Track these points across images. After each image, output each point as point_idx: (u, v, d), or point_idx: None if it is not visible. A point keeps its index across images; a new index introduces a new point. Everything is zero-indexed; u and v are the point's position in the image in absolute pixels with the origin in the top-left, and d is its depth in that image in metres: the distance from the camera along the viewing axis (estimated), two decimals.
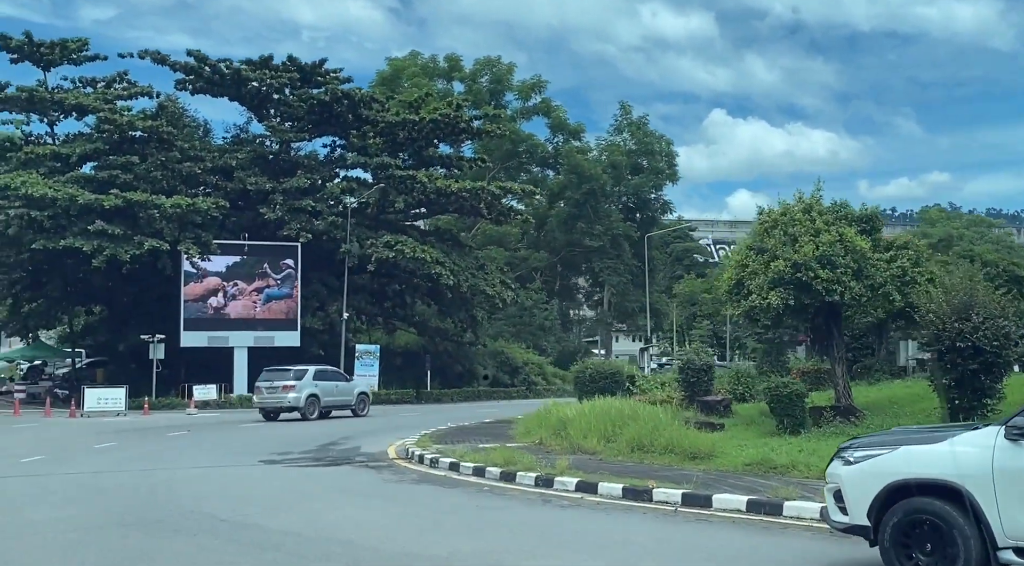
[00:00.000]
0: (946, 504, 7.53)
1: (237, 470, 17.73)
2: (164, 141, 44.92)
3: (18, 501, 13.73)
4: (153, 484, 15.52)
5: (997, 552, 7.28)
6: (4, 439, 26.46)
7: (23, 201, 40.75)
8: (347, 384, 36.06)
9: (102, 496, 14.16)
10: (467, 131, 49.11)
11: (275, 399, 32.76)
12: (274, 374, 33.51)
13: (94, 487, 15.30)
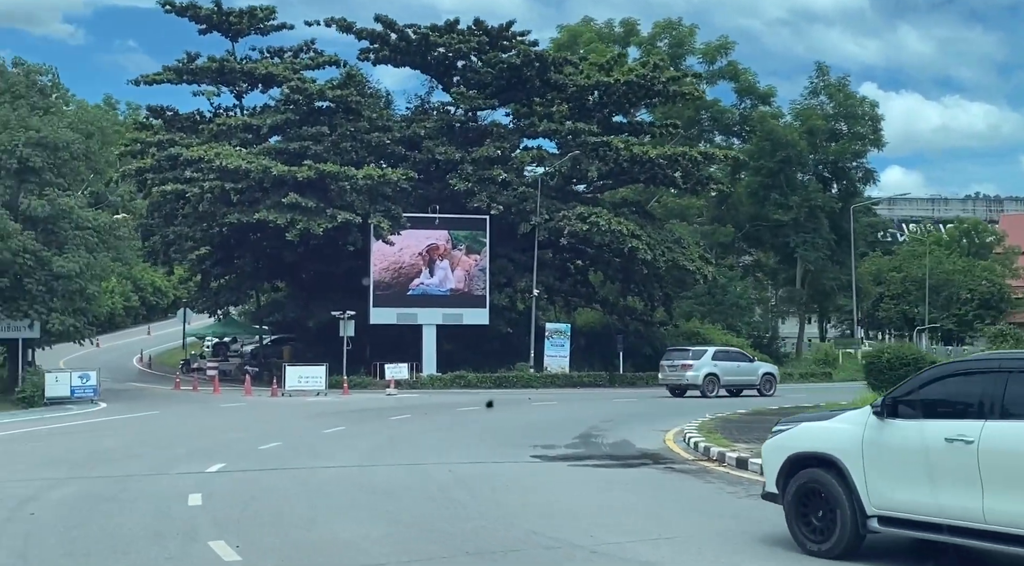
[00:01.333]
0: (829, 475, 8.33)
1: (516, 468, 15.23)
2: (352, 111, 43.38)
3: (302, 508, 11.50)
4: (442, 485, 13.14)
5: (867, 520, 8.07)
6: (219, 420, 25.07)
7: (217, 173, 39.90)
8: (750, 365, 37.35)
9: (394, 502, 11.79)
10: (662, 93, 45.69)
11: (676, 376, 35.45)
12: (675, 354, 36.72)
13: (373, 488, 13.01)
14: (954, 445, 7.51)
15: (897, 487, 7.96)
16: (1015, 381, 7.36)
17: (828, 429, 8.74)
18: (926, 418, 7.90)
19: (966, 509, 7.45)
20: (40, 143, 30.09)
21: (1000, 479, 7.21)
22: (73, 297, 30.64)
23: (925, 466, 7.76)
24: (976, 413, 7.54)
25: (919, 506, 7.81)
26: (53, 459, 16.54)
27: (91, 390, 30.98)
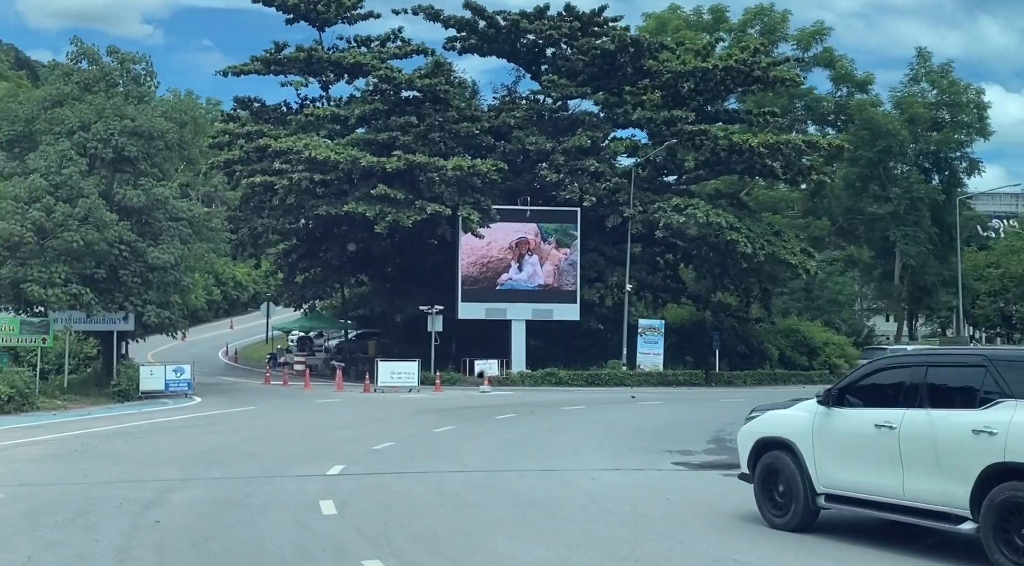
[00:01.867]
0: (786, 456, 9.65)
1: (663, 476, 13.96)
2: (440, 100, 42.36)
3: (450, 520, 10.35)
4: (590, 495, 11.96)
5: (816, 497, 9.37)
6: (321, 416, 24.21)
7: (305, 165, 39.26)
8: None
9: (548, 516, 10.58)
10: (761, 80, 43.76)
11: None
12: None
13: (516, 497, 11.83)
14: (881, 431, 8.67)
15: (839, 468, 9.18)
16: (932, 374, 8.59)
17: (786, 416, 10.02)
18: (863, 407, 9.11)
19: (891, 487, 8.61)
20: (135, 132, 29.62)
21: (916, 461, 8.36)
22: (167, 289, 30.13)
23: (860, 449, 8.96)
24: (900, 402, 8.68)
25: (856, 485, 9.01)
26: (162, 458, 15.70)
27: (185, 384, 30.46)
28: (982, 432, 7.86)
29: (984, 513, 7.81)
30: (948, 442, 8.18)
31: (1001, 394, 7.94)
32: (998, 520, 7.73)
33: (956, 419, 8.17)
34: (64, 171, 28.29)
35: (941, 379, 8.65)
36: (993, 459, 7.76)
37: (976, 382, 8.21)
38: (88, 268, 28.20)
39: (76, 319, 29.37)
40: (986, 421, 7.87)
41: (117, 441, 18.52)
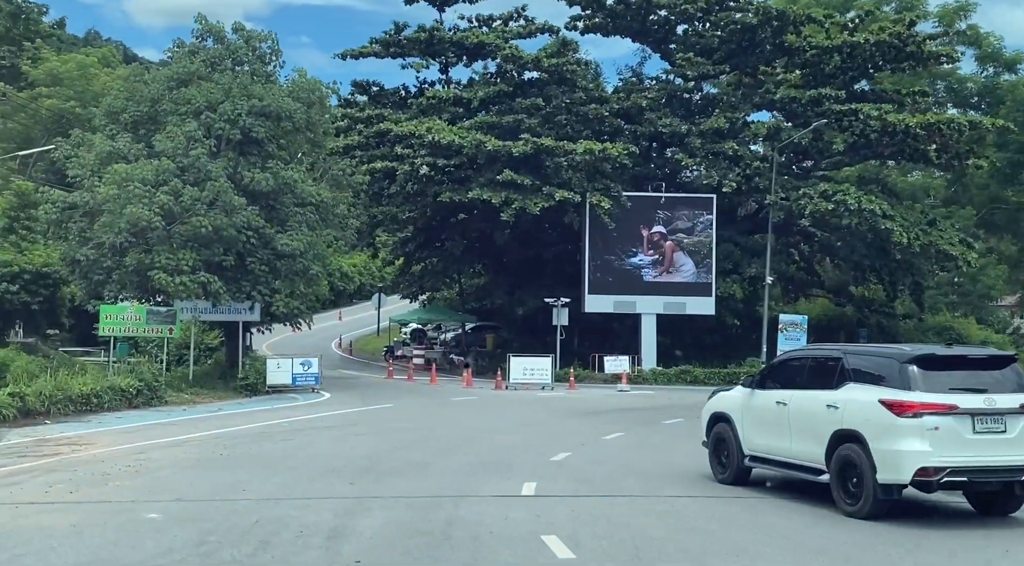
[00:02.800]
0: (728, 427, 12.66)
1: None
2: (566, 81, 40.13)
3: None
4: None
5: (743, 458, 12.34)
6: (467, 416, 22.22)
7: (428, 149, 37.52)
8: None
9: None
10: (914, 56, 40.22)
11: None
12: None
13: (787, 535, 9.47)
14: (779, 406, 11.68)
15: (756, 435, 12.11)
16: (812, 364, 11.69)
17: (728, 396, 13.04)
18: (771, 389, 12.02)
19: (785, 449, 11.59)
20: (263, 112, 28.14)
21: (798, 429, 11.35)
22: (295, 278, 28.62)
23: (768, 420, 11.88)
24: (793, 385, 11.74)
25: (766, 448, 11.94)
26: (320, 466, 13.86)
27: (313, 378, 28.95)
28: (831, 407, 10.78)
29: (831, 467, 10.67)
30: (814, 415, 11.06)
31: (847, 379, 10.86)
32: (839, 472, 10.60)
33: (820, 397, 11.03)
34: (191, 153, 26.95)
35: (817, 368, 11.55)
36: (837, 426, 10.65)
37: (834, 370, 11.11)
38: (216, 255, 26.82)
39: (201, 309, 28.06)
40: (834, 398, 10.80)
41: (262, 444, 16.79)
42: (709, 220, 39.58)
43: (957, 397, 10.12)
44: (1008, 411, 10.10)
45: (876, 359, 10.96)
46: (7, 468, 13.90)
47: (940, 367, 10.49)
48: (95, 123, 30.31)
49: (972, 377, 10.53)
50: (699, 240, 39.65)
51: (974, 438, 10.02)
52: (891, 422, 10.11)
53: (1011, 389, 10.34)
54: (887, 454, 10.06)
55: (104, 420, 21.03)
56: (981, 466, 10.09)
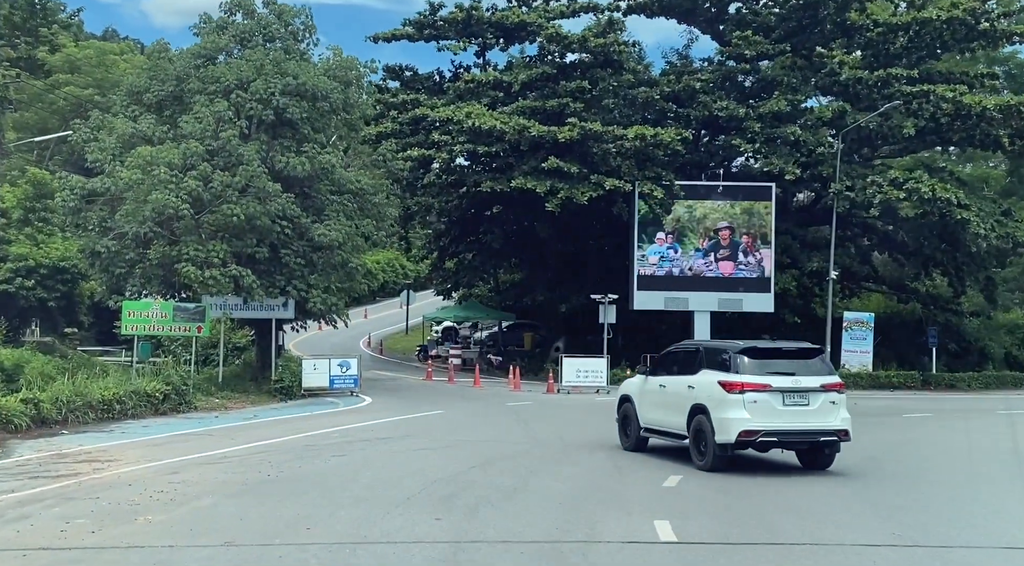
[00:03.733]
0: (630, 406, 15.80)
1: None
2: (612, 63, 37.59)
3: None
4: None
5: (640, 430, 15.45)
6: (527, 426, 19.77)
7: (467, 136, 35.08)
8: None
9: None
10: (987, 35, 37.44)
11: None
12: None
13: None
14: (662, 388, 15.07)
15: (648, 411, 15.39)
16: (683, 355, 15.14)
17: (631, 382, 16.49)
18: (658, 375, 15.37)
19: (665, 421, 14.86)
20: (297, 92, 25.83)
21: (672, 405, 14.55)
22: (333, 272, 26.31)
23: (654, 400, 15.23)
24: (671, 372, 15.07)
25: (654, 422, 15.24)
26: (392, 494, 11.52)
27: (351, 381, 26.63)
28: (691, 387, 14.21)
29: (690, 433, 14.05)
30: (680, 394, 14.44)
31: (703, 366, 14.25)
32: (694, 436, 13.97)
33: (684, 380, 14.46)
34: (221, 135, 24.66)
35: (686, 358, 15.02)
36: (693, 402, 14.00)
37: (694, 359, 14.61)
38: (248, 247, 24.55)
39: (232, 305, 25.76)
40: (693, 381, 14.23)
41: (313, 461, 14.42)
42: (768, 210, 37.00)
43: (771, 378, 13.48)
44: (811, 389, 13.58)
45: (719, 351, 14.27)
46: (17, 494, 11.59)
47: (761, 356, 13.89)
48: (116, 105, 28.02)
49: (785, 364, 13.87)
50: (757, 232, 37.08)
51: (783, 409, 13.45)
52: (724, 397, 13.48)
53: (816, 373, 13.83)
54: (721, 421, 13.45)
55: (128, 429, 18.74)
56: (788, 429, 13.52)
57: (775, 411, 13.33)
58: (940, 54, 39.80)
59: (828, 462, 14.06)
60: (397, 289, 70.28)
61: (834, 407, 13.64)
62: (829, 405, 13.59)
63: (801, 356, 14.13)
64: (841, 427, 13.62)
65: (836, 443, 13.76)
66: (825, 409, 13.56)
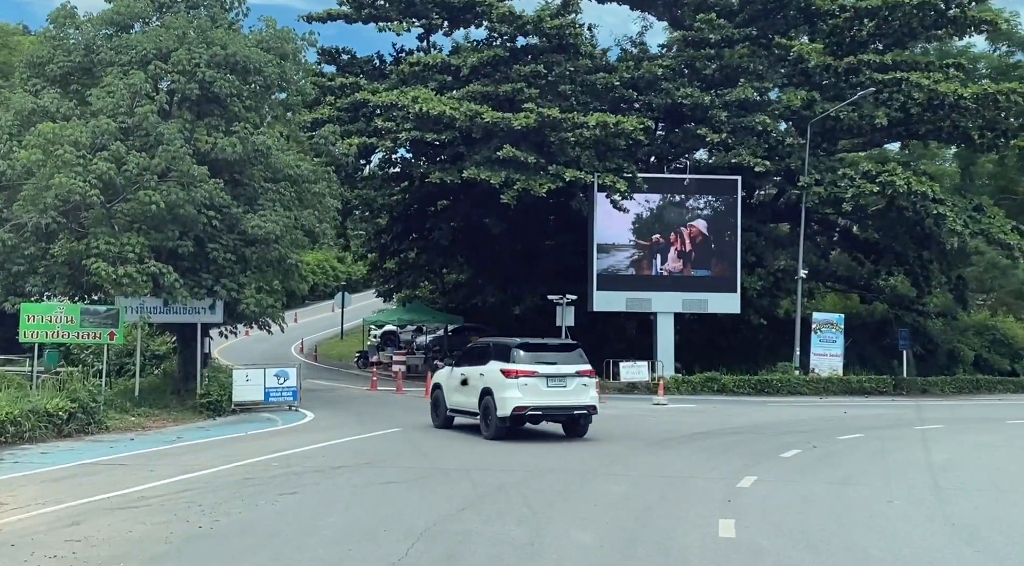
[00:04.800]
0: (440, 392, 19.49)
1: None
2: (569, 47, 35.03)
3: None
4: None
5: (447, 411, 19.17)
6: (511, 453, 16.92)
7: (414, 122, 32.16)
8: None
9: None
10: (956, 21, 35.87)
11: None
12: None
13: None
14: (462, 377, 18.57)
15: (452, 396, 19.01)
16: (478, 350, 18.96)
17: (441, 373, 20.07)
18: (460, 367, 18.99)
19: (464, 403, 18.50)
20: (226, 64, 22.57)
21: (469, 390, 18.17)
22: (267, 269, 23.07)
23: (456, 386, 18.80)
24: (469, 364, 18.67)
25: (457, 404, 18.88)
26: (364, 553, 8.64)
27: (290, 394, 23.44)
28: (482, 375, 17.85)
29: (480, 411, 17.81)
30: (475, 380, 18.09)
31: (491, 358, 17.95)
32: (483, 413, 17.76)
33: (478, 369, 18.08)
34: (137, 111, 21.28)
35: (480, 352, 18.84)
36: (483, 386, 17.70)
37: (486, 353, 18.42)
38: (169, 240, 21.21)
39: (151, 307, 22.32)
40: (483, 370, 17.89)
41: (256, 503, 11.37)
42: (734, 205, 34.84)
43: (539, 367, 17.29)
44: (568, 375, 17.42)
45: (503, 346, 18.11)
46: None
47: (532, 350, 17.78)
48: (15, 78, 24.35)
49: (551, 356, 17.81)
50: (722, 229, 34.87)
51: (547, 390, 17.29)
52: (503, 381, 17.23)
53: (573, 363, 17.70)
54: (501, 400, 17.19)
55: (24, 458, 15.37)
56: (551, 405, 17.42)
57: (541, 392, 17.25)
58: (907, 43, 38.15)
59: (583, 431, 18.04)
60: (328, 291, 66.91)
61: (585, 388, 17.66)
62: (582, 387, 17.61)
63: (562, 350, 18.59)
64: (591, 403, 17.75)
65: (588, 416, 17.86)
66: (579, 390, 17.57)
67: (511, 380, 17.05)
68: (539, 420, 17.76)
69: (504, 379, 17.11)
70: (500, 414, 17.09)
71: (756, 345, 37.54)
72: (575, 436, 17.73)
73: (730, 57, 35.51)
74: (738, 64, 35.39)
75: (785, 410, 25.65)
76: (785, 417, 23.05)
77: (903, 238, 36.31)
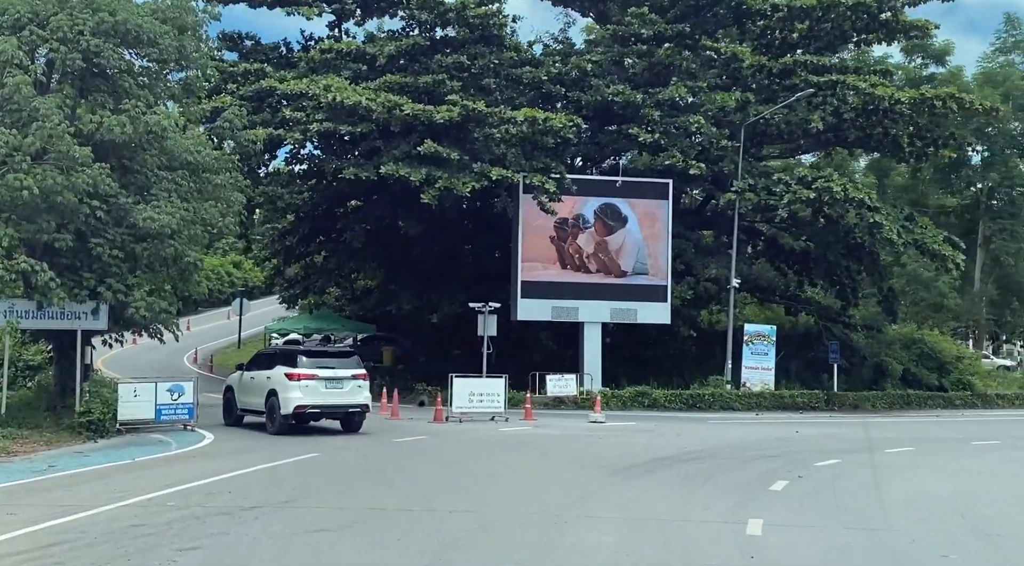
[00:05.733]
0: (231, 394, 21.93)
1: None
2: (494, 38, 32.87)
3: None
4: None
5: (237, 410, 21.60)
6: (452, 474, 14.57)
7: (326, 113, 29.48)
8: None
9: None
10: (887, 25, 35.00)
11: None
12: None
13: None
14: (252, 379, 21.03)
15: (243, 396, 21.23)
16: (265, 357, 21.88)
17: (233, 377, 22.23)
18: (250, 371, 21.35)
19: (254, 403, 20.76)
20: (116, 32, 19.58)
21: (257, 391, 20.61)
22: (161, 269, 20.09)
23: (247, 388, 21.08)
24: (257, 369, 21.08)
25: (247, 404, 21.10)
26: None
27: (186, 411, 20.49)
28: (269, 377, 20.24)
29: (266, 409, 20.14)
30: (262, 382, 20.39)
31: (277, 364, 20.40)
32: (268, 412, 20.03)
33: (265, 373, 20.46)
34: (8, 82, 18.17)
35: (268, 359, 21.38)
36: (270, 387, 20.01)
37: (273, 359, 20.98)
38: (45, 232, 18.11)
39: (22, 311, 19.10)
40: (270, 374, 20.27)
41: (147, 560, 8.73)
42: (665, 210, 33.19)
43: (319, 371, 19.92)
44: (344, 378, 20.21)
45: (289, 353, 21.22)
46: None
47: (314, 357, 20.94)
48: None
49: (331, 361, 20.83)
50: (654, 235, 33.16)
51: (326, 391, 19.87)
52: (288, 383, 19.73)
53: (349, 368, 20.58)
54: (285, 399, 19.62)
55: None
56: (329, 404, 20.04)
57: (320, 392, 19.65)
58: (836, 47, 37.28)
59: (358, 427, 20.57)
60: (224, 298, 63.24)
61: (360, 389, 20.27)
62: (357, 388, 20.21)
63: (341, 356, 21.96)
64: (364, 402, 20.34)
65: (362, 413, 20.45)
66: (354, 391, 20.17)
67: (294, 382, 19.56)
68: (319, 417, 20.22)
69: (288, 381, 19.60)
70: (284, 412, 19.49)
71: (683, 357, 35.98)
72: (351, 431, 20.36)
73: (661, 55, 33.88)
74: (670, 62, 33.77)
75: (732, 430, 23.88)
76: (737, 438, 21.23)
77: (836, 247, 35.23)
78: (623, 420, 25.82)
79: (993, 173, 46.22)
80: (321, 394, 19.56)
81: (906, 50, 50.22)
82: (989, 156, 46.90)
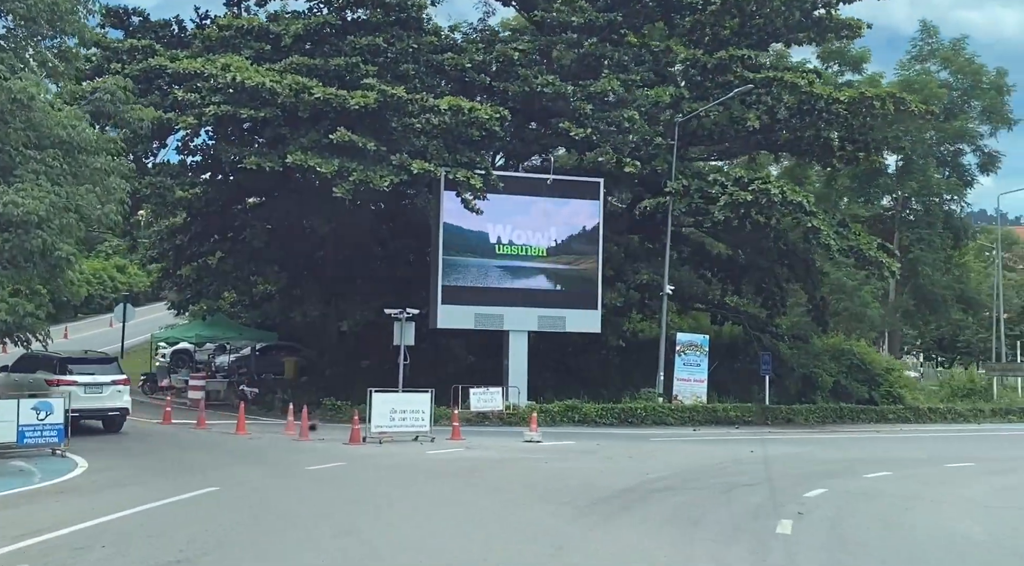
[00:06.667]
0: None
1: None
2: (412, 21, 30.24)
3: None
4: None
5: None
6: (381, 515, 11.92)
7: (224, 96, 26.34)
8: None
9: None
10: (820, 23, 33.68)
11: None
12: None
13: None
14: (16, 383, 21.48)
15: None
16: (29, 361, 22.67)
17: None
18: (17, 373, 22.14)
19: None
20: None
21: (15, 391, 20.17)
22: (25, 264, 16.79)
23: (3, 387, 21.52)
24: (21, 371, 22.12)
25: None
26: None
27: (54, 433, 17.25)
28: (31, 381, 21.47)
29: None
30: (24, 386, 20.54)
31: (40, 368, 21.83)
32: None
33: (29, 377, 21.49)
34: None
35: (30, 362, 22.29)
36: (30, 391, 20.27)
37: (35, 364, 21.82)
38: None
39: None
40: (31, 378, 21.49)
41: None
42: (596, 211, 31.05)
43: (79, 377, 20.99)
44: (104, 383, 21.26)
45: (50, 358, 21.95)
46: None
47: (76, 362, 21.84)
48: None
49: (91, 367, 21.68)
50: (583, 237, 30.96)
51: (86, 396, 20.76)
52: (50, 389, 19.77)
53: (110, 373, 21.66)
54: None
55: None
56: (89, 408, 20.77)
57: (80, 397, 20.28)
58: (767, 45, 35.85)
59: (118, 428, 21.63)
60: (106, 304, 58.65)
61: (119, 394, 21.50)
62: (116, 393, 21.42)
63: (102, 362, 22.54)
64: (124, 406, 21.67)
65: (121, 415, 21.67)
66: (114, 396, 21.37)
67: (55, 388, 20.08)
68: (79, 420, 19.81)
69: (50, 387, 20.17)
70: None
71: (609, 368, 33.89)
72: (112, 431, 21.40)
73: (590, 47, 31.77)
74: (600, 54, 31.68)
75: (681, 449, 21.79)
76: (695, 460, 19.03)
77: (769, 253, 33.69)
78: (558, 438, 23.43)
79: (912, 182, 45.64)
80: (82, 399, 20.37)
81: (822, 56, 49.44)
82: (904, 165, 46.33)
